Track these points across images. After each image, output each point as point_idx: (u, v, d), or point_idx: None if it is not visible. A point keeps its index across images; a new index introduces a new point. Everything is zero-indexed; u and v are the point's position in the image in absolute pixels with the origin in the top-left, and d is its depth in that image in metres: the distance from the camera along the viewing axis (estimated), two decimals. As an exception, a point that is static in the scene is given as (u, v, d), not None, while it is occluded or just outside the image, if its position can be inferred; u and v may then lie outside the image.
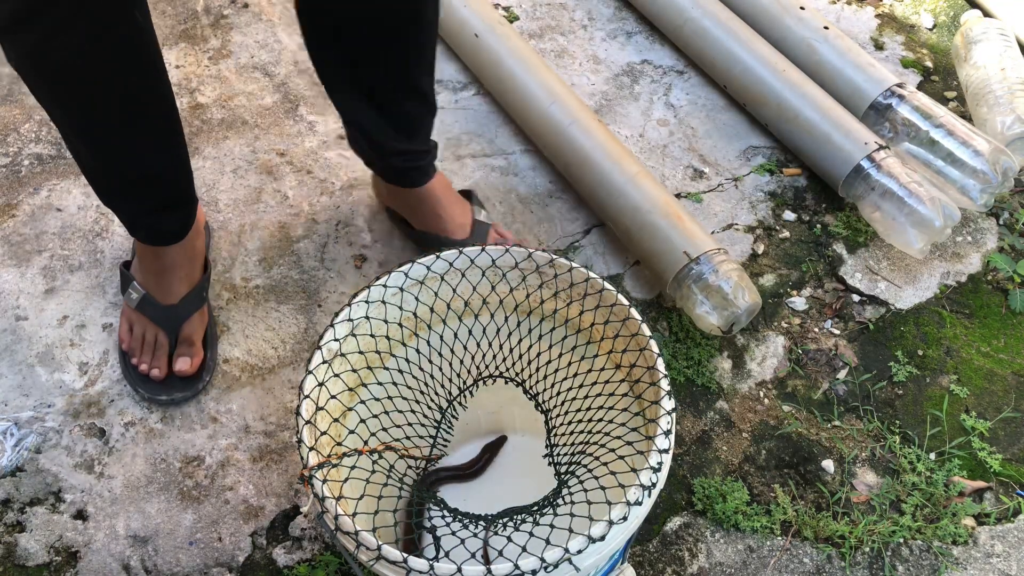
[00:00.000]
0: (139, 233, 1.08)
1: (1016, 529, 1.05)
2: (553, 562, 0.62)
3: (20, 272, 1.24)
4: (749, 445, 1.11)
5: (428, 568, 0.61)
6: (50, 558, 1.00)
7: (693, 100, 1.49)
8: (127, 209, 1.06)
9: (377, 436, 0.84)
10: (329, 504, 0.66)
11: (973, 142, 1.27)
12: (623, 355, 0.81)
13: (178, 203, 1.07)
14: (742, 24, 1.46)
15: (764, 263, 1.28)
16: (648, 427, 0.76)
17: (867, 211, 1.28)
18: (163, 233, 1.08)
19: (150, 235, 1.07)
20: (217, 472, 1.07)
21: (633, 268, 1.27)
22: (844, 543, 1.03)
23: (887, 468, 1.09)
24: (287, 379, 1.15)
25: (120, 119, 0.91)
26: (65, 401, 1.12)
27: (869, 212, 1.27)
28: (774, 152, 1.42)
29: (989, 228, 1.34)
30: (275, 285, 1.24)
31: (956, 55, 1.50)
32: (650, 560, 1.01)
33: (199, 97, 1.46)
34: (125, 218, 1.08)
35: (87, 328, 1.19)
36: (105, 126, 0.91)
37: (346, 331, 0.80)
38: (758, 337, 1.21)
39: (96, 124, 0.90)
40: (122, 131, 0.93)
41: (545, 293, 0.86)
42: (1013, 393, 1.16)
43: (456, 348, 0.88)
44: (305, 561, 1.00)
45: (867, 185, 1.26)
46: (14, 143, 1.39)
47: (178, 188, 1.06)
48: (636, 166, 1.25)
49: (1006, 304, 1.26)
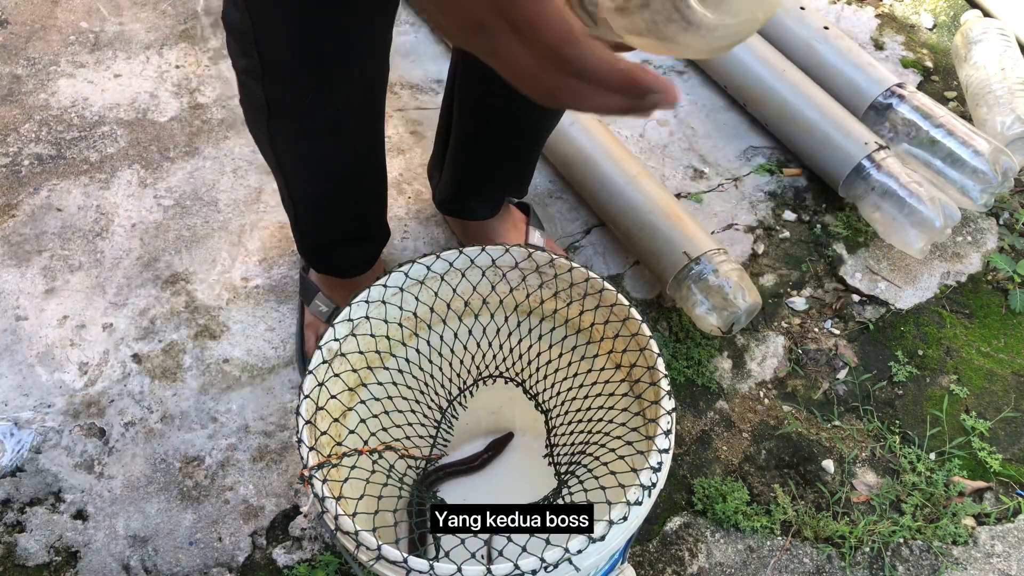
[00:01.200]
0: (334, 271, 1.11)
1: (1016, 529, 1.05)
2: (553, 562, 0.62)
3: (20, 272, 1.24)
4: (749, 445, 1.11)
5: (428, 568, 0.61)
6: (50, 558, 1.00)
7: (693, 100, 1.49)
8: (331, 257, 1.09)
9: (377, 436, 0.84)
10: (329, 504, 0.66)
11: (973, 142, 1.27)
12: (623, 355, 0.81)
13: (378, 240, 1.12)
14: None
15: (764, 263, 1.28)
16: (648, 427, 0.76)
17: (867, 211, 1.28)
18: (357, 268, 1.12)
19: (345, 271, 1.11)
20: (217, 472, 1.07)
21: (633, 268, 1.27)
22: (844, 543, 1.03)
23: (887, 468, 1.09)
24: (287, 379, 1.15)
25: (363, 173, 0.99)
26: (65, 401, 1.12)
27: (869, 212, 1.27)
28: (774, 152, 1.42)
29: (989, 228, 1.34)
30: (275, 285, 1.23)
31: (956, 55, 1.50)
32: (650, 560, 1.01)
33: (199, 97, 1.46)
34: (323, 262, 1.11)
35: (87, 328, 1.18)
36: (348, 181, 0.98)
37: (346, 331, 0.80)
38: (758, 337, 1.21)
39: (340, 181, 0.97)
40: (359, 182, 1.00)
41: (545, 293, 0.85)
42: (1013, 393, 1.16)
43: (456, 348, 0.88)
44: (305, 561, 1.00)
45: (867, 185, 1.26)
46: (14, 143, 1.39)
47: (381, 232, 1.11)
48: (636, 166, 1.25)
49: (1006, 304, 1.26)
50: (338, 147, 0.90)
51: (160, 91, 1.47)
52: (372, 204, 1.06)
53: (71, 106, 1.45)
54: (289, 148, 0.90)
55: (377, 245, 1.13)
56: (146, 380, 1.14)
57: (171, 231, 1.29)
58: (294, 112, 0.83)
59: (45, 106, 1.44)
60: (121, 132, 1.41)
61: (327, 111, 0.83)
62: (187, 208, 1.32)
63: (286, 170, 0.95)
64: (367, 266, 1.13)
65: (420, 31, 1.58)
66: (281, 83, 0.80)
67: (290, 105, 0.83)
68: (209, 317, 1.20)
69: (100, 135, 1.41)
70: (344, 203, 1.01)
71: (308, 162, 0.92)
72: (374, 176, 1.01)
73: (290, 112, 0.84)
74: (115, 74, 1.50)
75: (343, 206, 1.01)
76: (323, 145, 0.88)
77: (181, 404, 1.12)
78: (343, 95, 0.82)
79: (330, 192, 0.98)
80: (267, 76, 0.79)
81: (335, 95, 0.81)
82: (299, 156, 0.91)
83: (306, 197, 1.00)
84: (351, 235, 1.06)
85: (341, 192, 0.98)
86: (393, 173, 1.36)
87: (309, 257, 1.12)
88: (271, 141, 0.89)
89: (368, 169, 0.99)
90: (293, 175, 0.96)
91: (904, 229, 1.23)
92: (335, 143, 0.89)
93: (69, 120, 1.43)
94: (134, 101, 1.46)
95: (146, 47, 1.54)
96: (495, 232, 1.21)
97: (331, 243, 1.08)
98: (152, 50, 1.54)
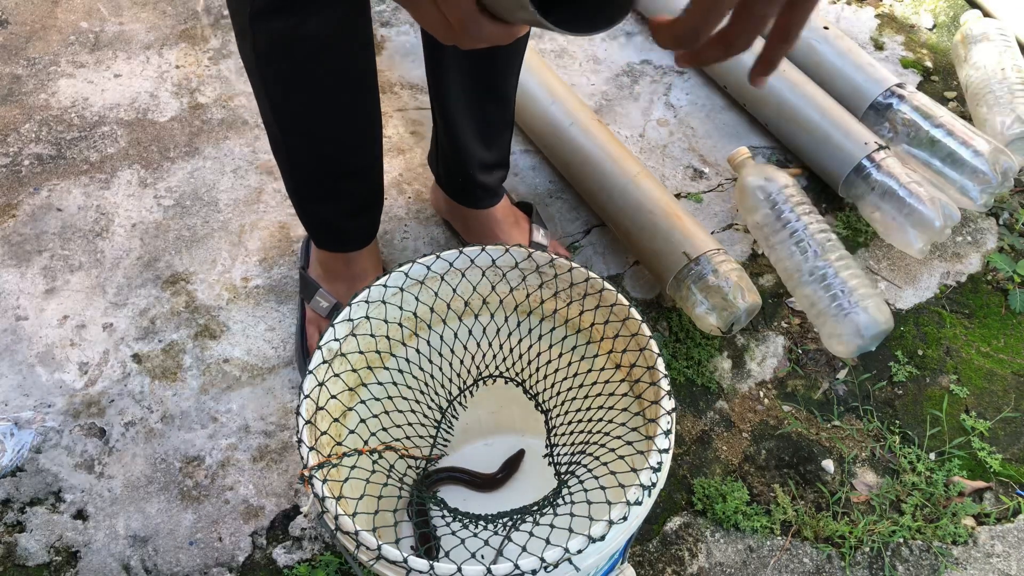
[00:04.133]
0: (332, 239, 1.10)
1: (1016, 529, 1.05)
2: (553, 562, 0.62)
3: (20, 272, 1.24)
4: (749, 445, 1.11)
5: (428, 568, 0.61)
6: (50, 558, 1.00)
7: (693, 100, 1.49)
8: (327, 212, 1.07)
9: (377, 436, 0.84)
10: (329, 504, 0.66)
11: (973, 142, 1.27)
12: (623, 355, 0.81)
13: (373, 204, 1.10)
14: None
15: (764, 263, 1.28)
16: (648, 427, 0.76)
17: (867, 211, 1.28)
18: (355, 237, 1.10)
19: (344, 240, 1.09)
20: (217, 472, 1.07)
21: (633, 268, 1.27)
22: (844, 543, 1.03)
23: (887, 468, 1.09)
24: (287, 379, 1.15)
25: (347, 100, 0.95)
26: (65, 401, 1.12)
27: (869, 212, 1.27)
28: (774, 152, 1.42)
29: (989, 228, 1.34)
30: (275, 285, 1.24)
31: (956, 55, 1.50)
32: (650, 560, 1.01)
33: (199, 97, 1.46)
34: (321, 225, 1.09)
35: (87, 328, 1.19)
36: (332, 110, 0.94)
37: (346, 331, 0.80)
38: (758, 337, 1.21)
39: (325, 109, 0.94)
40: (344, 115, 0.96)
41: (545, 293, 0.86)
42: (1013, 393, 1.16)
43: (456, 348, 0.88)
44: (305, 561, 1.00)
45: (867, 185, 1.26)
46: (14, 143, 1.39)
47: (375, 185, 1.08)
48: (636, 166, 1.25)
49: (1006, 304, 1.26)
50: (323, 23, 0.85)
51: (160, 91, 1.47)
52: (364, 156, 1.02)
53: (71, 106, 1.45)
54: (272, 38, 0.86)
55: (373, 214, 1.10)
56: (146, 380, 1.14)
57: (171, 231, 1.29)
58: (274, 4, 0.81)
59: (45, 106, 1.44)
60: (121, 132, 1.41)
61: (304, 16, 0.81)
62: (187, 208, 1.32)
63: (269, 81, 0.91)
64: (365, 237, 1.11)
65: (420, 31, 1.58)
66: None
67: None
68: (209, 317, 1.20)
69: (100, 135, 1.41)
70: (335, 121, 0.96)
71: (293, 55, 0.88)
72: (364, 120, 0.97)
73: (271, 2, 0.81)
74: (115, 74, 1.50)
75: (334, 123, 0.96)
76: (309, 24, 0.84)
77: (181, 404, 1.12)
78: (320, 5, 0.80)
79: (318, 103, 0.93)
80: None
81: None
82: (284, 46, 0.87)
83: (292, 116, 0.95)
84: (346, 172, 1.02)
85: (330, 101, 0.94)
86: (393, 173, 1.37)
87: (305, 220, 1.09)
88: (254, 37, 0.86)
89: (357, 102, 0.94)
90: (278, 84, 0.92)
91: (904, 229, 1.23)
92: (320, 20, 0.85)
93: (69, 120, 1.43)
94: (134, 101, 1.46)
95: (146, 47, 1.54)
96: (498, 226, 1.20)
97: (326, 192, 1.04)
98: (152, 50, 1.54)
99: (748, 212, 1.25)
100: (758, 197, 1.22)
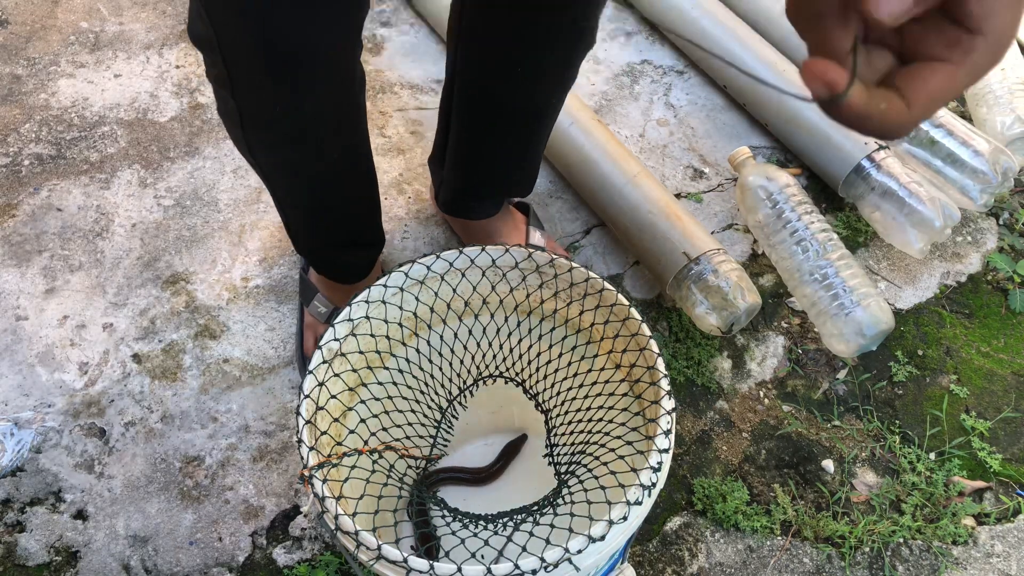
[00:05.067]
0: (330, 271, 1.12)
1: (1016, 529, 1.05)
2: (553, 562, 0.62)
3: (20, 272, 1.24)
4: (749, 445, 1.11)
5: (428, 568, 0.61)
6: (50, 558, 1.00)
7: (693, 100, 1.49)
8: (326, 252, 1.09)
9: (377, 436, 0.84)
10: (329, 504, 0.66)
11: (973, 142, 1.27)
12: (623, 355, 0.81)
13: (372, 243, 1.12)
14: (742, 24, 1.46)
15: (764, 263, 1.28)
16: (648, 427, 0.76)
17: (867, 211, 1.28)
18: (354, 272, 1.12)
19: (344, 274, 1.11)
20: (217, 472, 1.07)
21: (633, 268, 1.27)
22: (844, 543, 1.03)
23: (887, 468, 1.09)
24: (287, 379, 1.15)
25: (344, 180, 0.98)
26: (65, 401, 1.12)
27: (869, 212, 1.27)
28: (774, 152, 1.42)
29: (989, 228, 1.34)
30: (275, 285, 1.23)
31: (956, 55, 1.50)
32: (650, 560, 1.01)
33: (199, 97, 1.46)
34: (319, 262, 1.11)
35: (87, 328, 1.19)
36: (329, 188, 0.97)
37: (346, 331, 0.80)
38: (758, 337, 1.21)
39: (321, 188, 0.97)
40: (340, 189, 0.99)
41: (545, 293, 0.85)
42: (1013, 393, 1.16)
43: (456, 348, 0.88)
44: (305, 561, 1.00)
45: (867, 185, 1.26)
46: (14, 143, 1.39)
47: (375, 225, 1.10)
48: (636, 166, 1.25)
49: (1006, 304, 1.26)
50: (315, 154, 0.89)
51: (160, 91, 1.47)
52: (361, 210, 1.05)
53: (71, 106, 1.45)
54: (267, 157, 0.90)
55: (372, 251, 1.12)
56: (146, 380, 1.14)
57: (171, 231, 1.29)
58: (265, 120, 0.83)
59: (45, 106, 1.44)
60: (121, 132, 1.41)
61: (297, 117, 0.83)
62: (187, 208, 1.32)
63: (269, 178, 0.95)
64: (363, 272, 1.13)
65: (420, 31, 1.58)
66: (248, 91, 0.80)
67: (260, 113, 0.82)
68: (209, 317, 1.20)
69: (100, 135, 1.41)
70: (330, 209, 1.00)
71: (287, 170, 0.92)
72: (359, 182, 1.00)
73: (261, 120, 0.83)
74: (115, 74, 1.50)
75: (329, 212, 1.00)
76: (299, 152, 0.88)
77: (181, 404, 1.12)
78: (313, 101, 0.81)
79: (314, 198, 0.97)
80: (235, 85, 0.79)
81: (304, 102, 0.81)
82: (277, 164, 0.91)
83: (292, 204, 0.99)
84: (343, 240, 1.06)
85: (325, 198, 0.98)
86: (393, 173, 1.37)
87: (306, 257, 1.12)
88: (250, 151, 0.89)
89: (351, 175, 0.98)
90: (276, 183, 0.96)
91: (904, 229, 1.23)
92: (310, 150, 0.88)
93: (69, 120, 1.43)
94: (134, 101, 1.46)
95: (146, 47, 1.54)
96: (496, 232, 1.21)
97: (324, 247, 1.07)
98: (152, 50, 1.54)
99: (749, 211, 1.25)
100: (759, 196, 1.22)
